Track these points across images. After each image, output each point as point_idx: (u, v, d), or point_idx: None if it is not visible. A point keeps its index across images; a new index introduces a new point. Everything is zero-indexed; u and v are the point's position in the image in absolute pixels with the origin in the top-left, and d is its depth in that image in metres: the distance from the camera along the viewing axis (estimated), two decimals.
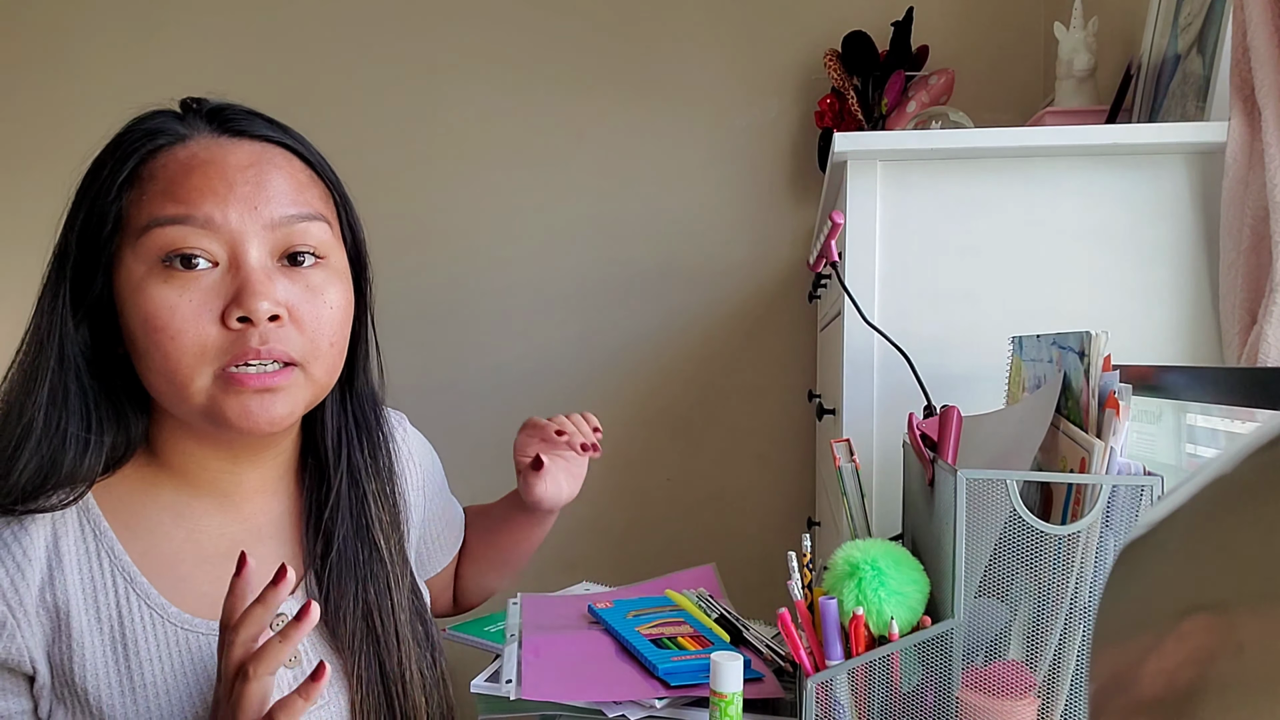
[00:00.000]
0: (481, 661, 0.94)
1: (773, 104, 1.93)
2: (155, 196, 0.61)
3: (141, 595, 0.65)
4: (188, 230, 0.60)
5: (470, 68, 2.03)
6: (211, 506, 0.69)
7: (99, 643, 0.63)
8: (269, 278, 0.62)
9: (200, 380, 0.61)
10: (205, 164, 0.63)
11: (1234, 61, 0.90)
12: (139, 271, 0.61)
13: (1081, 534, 0.63)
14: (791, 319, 1.95)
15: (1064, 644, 0.64)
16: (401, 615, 0.73)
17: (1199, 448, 0.88)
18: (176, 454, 0.68)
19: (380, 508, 0.75)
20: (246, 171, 0.63)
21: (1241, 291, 0.87)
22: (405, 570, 0.75)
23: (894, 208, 1.02)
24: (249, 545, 0.70)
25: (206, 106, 0.67)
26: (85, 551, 0.64)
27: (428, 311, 2.04)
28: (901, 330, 0.97)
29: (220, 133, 0.65)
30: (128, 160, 0.63)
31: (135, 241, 0.61)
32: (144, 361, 0.62)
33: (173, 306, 0.60)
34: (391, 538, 0.75)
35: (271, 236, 0.63)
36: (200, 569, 0.68)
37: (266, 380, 0.62)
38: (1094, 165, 0.99)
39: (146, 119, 0.66)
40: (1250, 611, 0.20)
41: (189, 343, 0.60)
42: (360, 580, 0.71)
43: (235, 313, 0.61)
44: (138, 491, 0.67)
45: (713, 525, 1.99)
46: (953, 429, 0.75)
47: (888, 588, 0.67)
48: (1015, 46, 1.81)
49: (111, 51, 2.14)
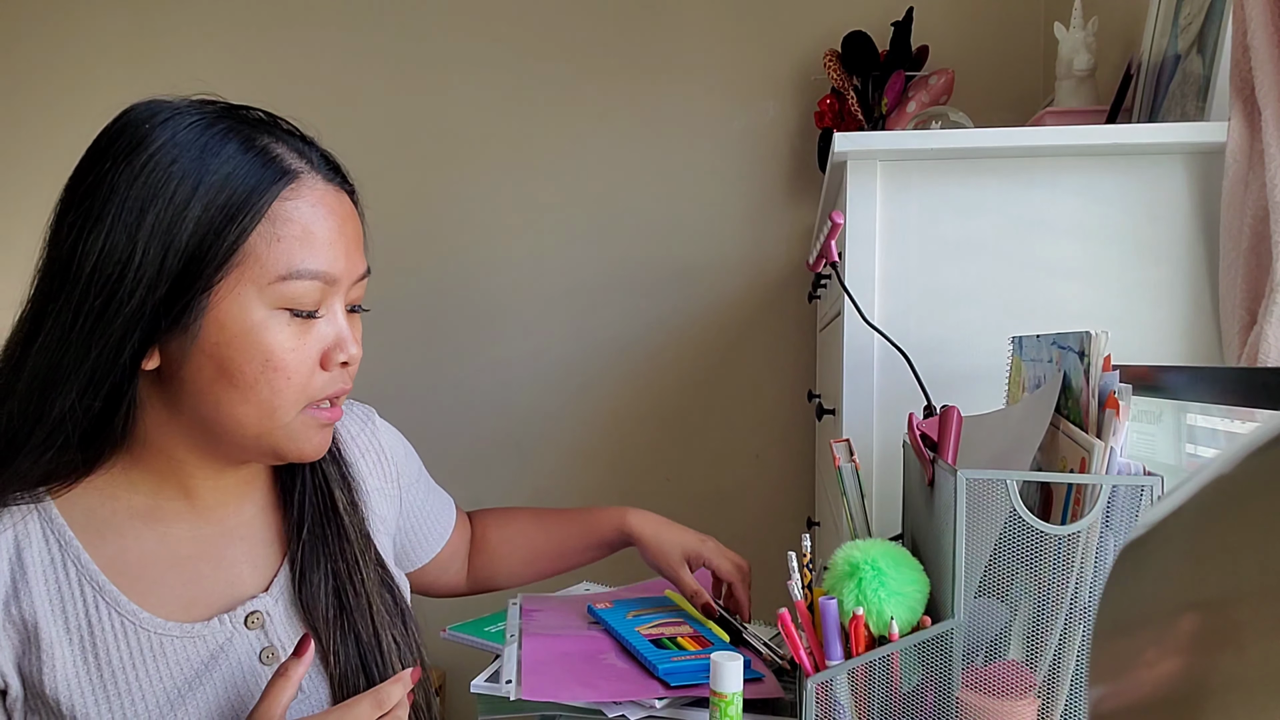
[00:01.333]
0: (481, 661, 0.94)
1: (772, 104, 1.93)
2: (291, 244, 0.63)
3: (110, 603, 0.65)
4: (319, 287, 0.65)
5: (470, 68, 2.03)
6: (183, 510, 0.70)
7: (69, 653, 0.63)
8: (349, 324, 0.69)
9: (291, 414, 0.66)
10: (329, 215, 0.66)
11: (1234, 61, 0.90)
12: (260, 312, 0.63)
13: (1081, 534, 0.63)
14: (791, 319, 1.95)
15: (1064, 644, 0.64)
16: (370, 586, 0.74)
17: (1199, 448, 0.88)
18: (160, 460, 0.68)
19: (340, 488, 0.77)
20: (346, 226, 0.68)
21: (1241, 291, 0.87)
22: (368, 544, 0.77)
23: (894, 208, 1.02)
24: (221, 547, 0.71)
25: (317, 149, 0.69)
26: (50, 561, 0.64)
27: (427, 311, 2.04)
28: (901, 330, 0.97)
29: (330, 178, 0.68)
30: (262, 198, 0.62)
31: (266, 285, 0.62)
32: (241, 394, 0.64)
33: (294, 350, 0.64)
34: (352, 514, 0.77)
35: (351, 291, 0.69)
36: (172, 572, 0.68)
37: (337, 414, 0.70)
38: (1094, 165, 0.99)
39: (269, 144, 0.65)
40: (1251, 610, 0.20)
41: (300, 383, 0.65)
42: (329, 558, 0.74)
43: (339, 357, 0.67)
44: (106, 499, 0.67)
45: (712, 525, 1.98)
46: (953, 429, 0.75)
47: (888, 588, 0.67)
48: (1015, 47, 1.81)
49: (109, 54, 2.14)
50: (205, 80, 0.71)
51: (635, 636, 0.94)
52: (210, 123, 0.63)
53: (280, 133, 0.67)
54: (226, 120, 0.64)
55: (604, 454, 2.02)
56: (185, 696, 0.65)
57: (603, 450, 2.02)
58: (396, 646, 0.75)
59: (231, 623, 0.68)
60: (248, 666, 0.68)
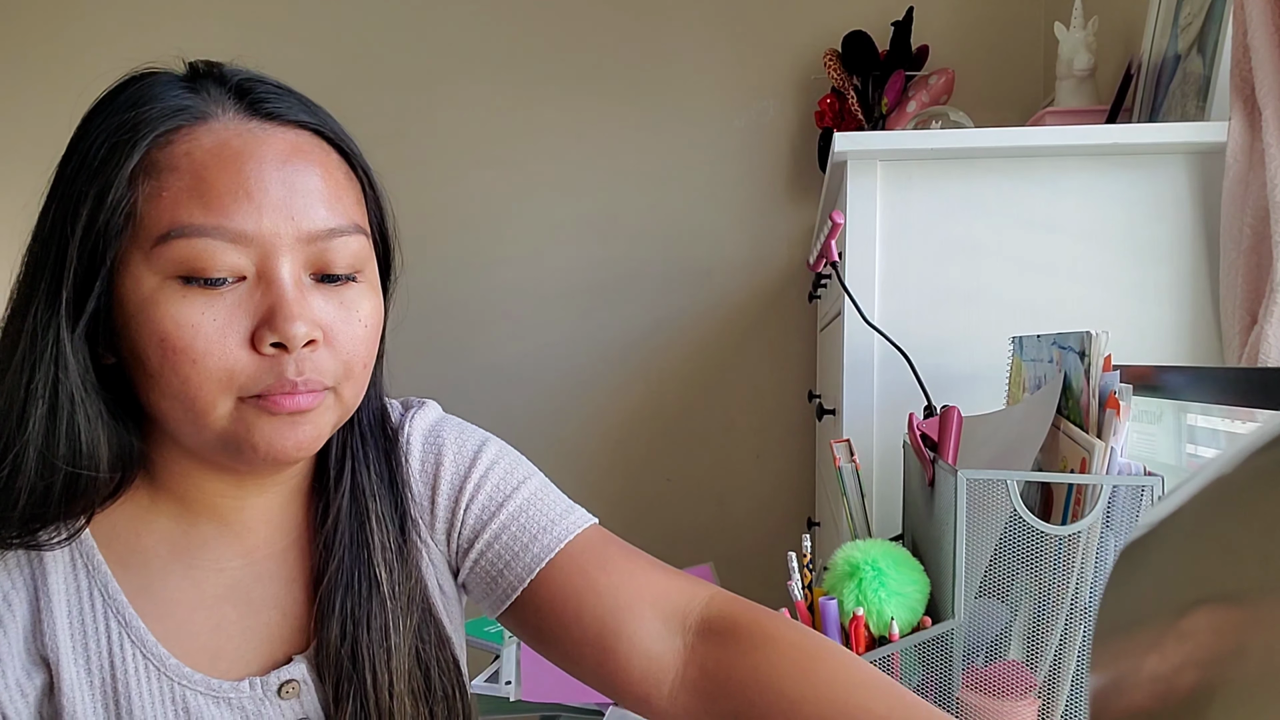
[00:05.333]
0: (481, 661, 0.93)
1: (772, 104, 1.93)
2: (177, 195, 0.51)
3: (137, 643, 0.57)
4: (215, 245, 0.51)
5: (468, 68, 2.03)
6: (211, 534, 0.60)
7: (88, 698, 0.55)
8: (303, 295, 0.54)
9: (223, 407, 0.53)
10: (236, 157, 0.53)
11: (1234, 61, 0.90)
12: (151, 282, 0.52)
13: (1082, 534, 0.63)
14: (791, 319, 1.95)
15: (1064, 644, 0.64)
16: (398, 667, 0.62)
17: (1199, 448, 0.88)
18: (174, 477, 0.59)
19: (384, 532, 0.64)
20: (282, 169, 0.54)
21: (1242, 291, 0.87)
22: (410, 611, 0.64)
23: (894, 208, 1.02)
24: (246, 587, 0.61)
25: (233, 79, 0.56)
26: (76, 589, 0.56)
27: (425, 312, 2.04)
28: (902, 330, 0.97)
29: (250, 115, 0.55)
30: (140, 143, 0.52)
31: (150, 248, 0.51)
32: (154, 383, 0.53)
33: (194, 325, 0.52)
34: (396, 570, 0.64)
35: (306, 250, 0.54)
36: (198, 614, 0.59)
37: (302, 401, 0.54)
38: (1094, 165, 0.99)
39: (155, 88, 0.54)
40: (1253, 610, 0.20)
41: (214, 368, 0.52)
42: (351, 615, 0.61)
43: (268, 337, 0.52)
44: (134, 520, 0.59)
45: (712, 525, 1.99)
46: (953, 429, 0.75)
47: (888, 588, 0.67)
48: (1015, 46, 1.81)
49: (104, 40, 2.14)
50: None
51: None
52: (116, 89, 0.56)
53: (194, 77, 0.56)
54: (134, 81, 0.56)
55: (604, 455, 2.02)
56: None
57: (603, 451, 2.02)
58: None
59: (264, 689, 0.59)
60: None
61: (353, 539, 0.63)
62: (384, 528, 0.64)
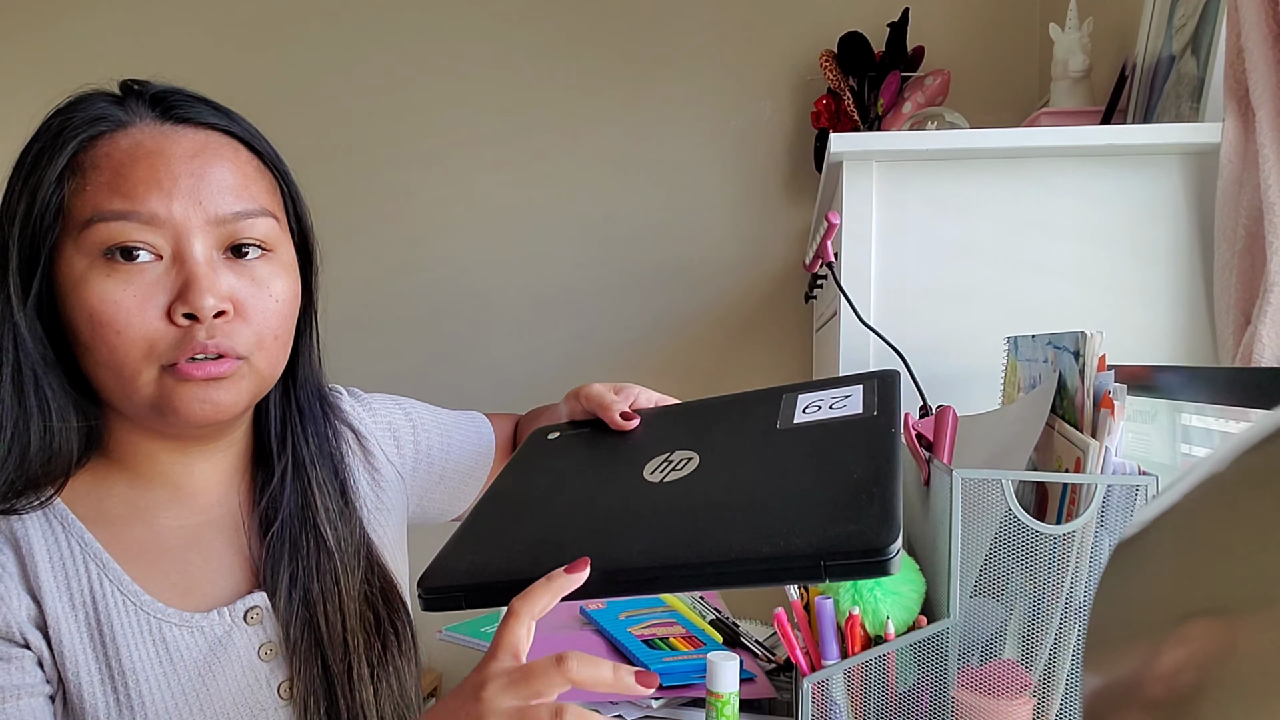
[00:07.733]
0: (477, 662, 0.93)
1: (769, 104, 1.94)
2: (98, 189, 0.60)
3: (114, 581, 0.64)
4: (131, 226, 0.60)
5: (466, 67, 2.03)
6: (166, 499, 0.69)
7: (76, 631, 0.62)
8: (214, 271, 0.62)
9: (148, 374, 0.61)
10: (149, 154, 0.61)
11: (1228, 62, 0.90)
12: (80, 265, 0.60)
13: (1076, 533, 0.63)
14: (787, 319, 1.95)
15: (1059, 643, 0.64)
16: (350, 607, 0.71)
17: (1194, 448, 0.88)
18: (127, 448, 0.67)
19: (326, 496, 0.73)
20: (191, 162, 0.62)
21: (1236, 292, 0.87)
22: (357, 561, 0.73)
23: (890, 208, 1.02)
24: (206, 538, 0.69)
25: (150, 90, 0.65)
26: (55, 542, 0.63)
27: (422, 312, 2.04)
28: (897, 330, 0.97)
29: (164, 120, 0.64)
30: (65, 147, 0.61)
31: (77, 235, 0.60)
32: (90, 357, 0.62)
33: (116, 301, 0.60)
34: (340, 527, 0.73)
35: (216, 231, 0.63)
36: (164, 559, 0.67)
37: (212, 369, 0.62)
38: (1089, 166, 0.99)
39: (84, 102, 0.63)
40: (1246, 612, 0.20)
41: (135, 338, 0.60)
42: (301, 571, 0.70)
43: (181, 309, 0.60)
44: (94, 487, 0.67)
45: None
46: (948, 429, 0.75)
47: (883, 587, 0.67)
48: (1011, 47, 1.82)
49: (97, 43, 2.13)
50: (195, 74, 0.70)
51: (627, 637, 0.94)
52: (56, 108, 0.64)
53: (122, 92, 0.65)
54: (71, 99, 0.64)
55: None
56: (188, 693, 0.64)
57: None
58: (372, 680, 0.70)
59: (231, 617, 0.67)
60: (248, 661, 0.68)
61: (297, 502, 0.72)
62: (325, 492, 0.73)
